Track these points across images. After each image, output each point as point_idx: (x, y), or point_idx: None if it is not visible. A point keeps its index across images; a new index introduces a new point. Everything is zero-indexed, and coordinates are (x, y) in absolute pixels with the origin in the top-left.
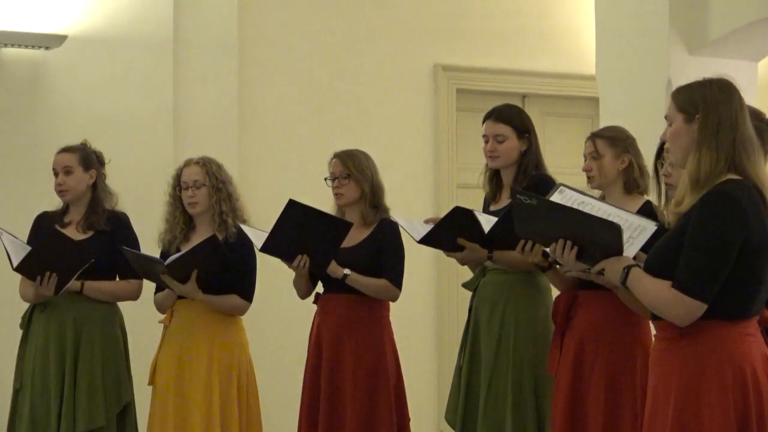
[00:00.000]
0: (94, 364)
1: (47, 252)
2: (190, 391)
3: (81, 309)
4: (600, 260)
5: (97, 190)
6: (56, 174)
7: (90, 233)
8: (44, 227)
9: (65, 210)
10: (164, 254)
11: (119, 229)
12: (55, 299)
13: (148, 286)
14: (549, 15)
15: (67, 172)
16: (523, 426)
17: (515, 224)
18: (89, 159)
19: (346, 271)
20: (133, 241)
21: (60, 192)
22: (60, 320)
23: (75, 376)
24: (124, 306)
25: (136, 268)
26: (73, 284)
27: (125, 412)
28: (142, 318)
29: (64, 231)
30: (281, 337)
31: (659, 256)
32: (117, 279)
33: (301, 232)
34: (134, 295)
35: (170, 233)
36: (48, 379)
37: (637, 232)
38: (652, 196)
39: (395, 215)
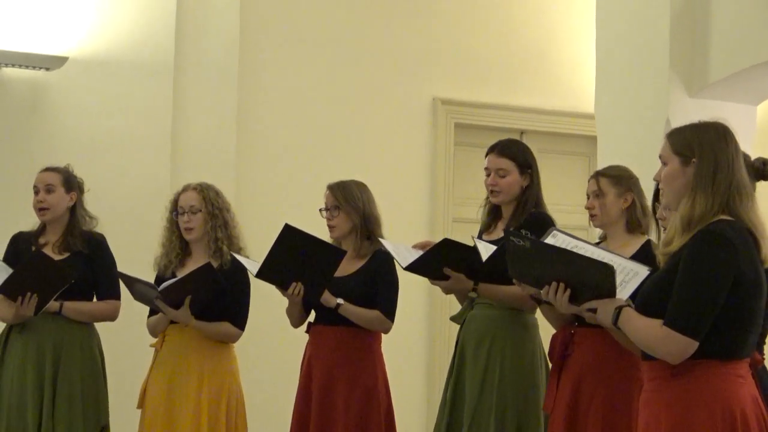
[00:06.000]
0: (73, 386)
1: (30, 273)
2: (179, 416)
3: (60, 330)
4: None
5: (76, 213)
6: (36, 192)
7: (66, 254)
8: (20, 247)
9: (41, 230)
10: (159, 278)
11: (96, 250)
12: (33, 319)
13: (127, 309)
14: (549, 52)
15: (49, 190)
16: None
17: (508, 267)
18: (71, 181)
19: (339, 300)
20: (111, 263)
21: (40, 210)
22: (38, 341)
23: (54, 397)
24: (107, 327)
25: (130, 291)
26: (52, 305)
27: None
28: (122, 339)
29: None
30: (273, 366)
31: (649, 296)
32: (95, 300)
33: (296, 259)
34: (112, 316)
35: (166, 258)
36: (25, 400)
37: (629, 276)
38: (653, 236)
39: (382, 239)
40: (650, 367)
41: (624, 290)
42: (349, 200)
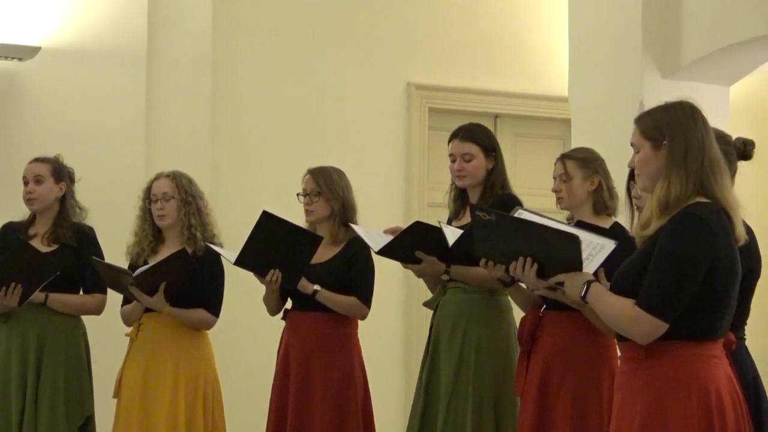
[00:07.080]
0: (57, 377)
1: (15, 263)
2: (155, 404)
3: (44, 321)
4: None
5: (65, 203)
6: (26, 183)
7: (55, 246)
8: (9, 238)
9: (31, 221)
10: (132, 267)
11: (85, 242)
12: (17, 310)
13: (113, 301)
14: (522, 36)
15: (38, 181)
16: None
17: (475, 243)
18: (61, 172)
19: (316, 287)
20: (99, 256)
21: (28, 200)
22: (23, 332)
23: (37, 389)
24: (88, 318)
25: (105, 278)
26: (37, 296)
27: (86, 426)
28: (106, 331)
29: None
30: (249, 353)
31: (624, 277)
32: (81, 293)
33: (273, 246)
34: (98, 309)
35: (139, 246)
36: (9, 391)
37: (596, 250)
38: (621, 218)
39: (353, 224)
40: (625, 348)
41: (591, 264)
42: (330, 186)
